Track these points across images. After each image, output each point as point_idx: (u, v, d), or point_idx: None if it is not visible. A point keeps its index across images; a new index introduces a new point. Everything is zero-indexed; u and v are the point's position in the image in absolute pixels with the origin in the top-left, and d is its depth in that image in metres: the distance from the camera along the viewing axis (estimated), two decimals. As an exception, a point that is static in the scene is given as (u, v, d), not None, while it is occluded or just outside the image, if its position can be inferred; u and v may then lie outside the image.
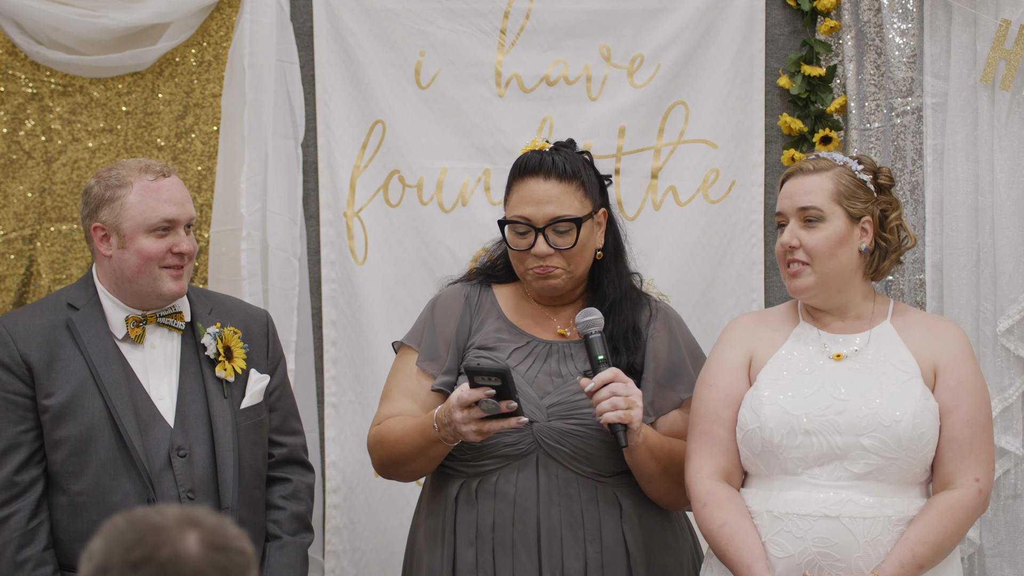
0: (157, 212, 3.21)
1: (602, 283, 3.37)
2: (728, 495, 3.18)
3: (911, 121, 4.00)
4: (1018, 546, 3.92)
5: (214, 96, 4.04)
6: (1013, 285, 3.87)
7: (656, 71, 4.06)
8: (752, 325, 3.33)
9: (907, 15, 3.97)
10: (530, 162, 3.31)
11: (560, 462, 3.22)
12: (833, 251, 3.16)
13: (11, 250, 4.03)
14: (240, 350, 3.33)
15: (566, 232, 3.26)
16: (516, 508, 3.21)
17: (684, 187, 4.09)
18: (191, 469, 3.21)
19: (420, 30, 4.07)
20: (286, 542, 3.37)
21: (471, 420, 3.09)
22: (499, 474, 3.23)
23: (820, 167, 3.20)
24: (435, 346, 3.34)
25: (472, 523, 3.23)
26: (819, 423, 3.09)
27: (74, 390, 3.19)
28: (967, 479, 3.10)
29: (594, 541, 3.21)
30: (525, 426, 3.17)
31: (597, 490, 3.24)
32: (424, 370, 3.33)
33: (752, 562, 3.08)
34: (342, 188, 4.09)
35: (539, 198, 3.26)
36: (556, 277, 3.29)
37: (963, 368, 3.15)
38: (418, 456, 3.23)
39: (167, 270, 3.23)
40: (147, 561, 1.84)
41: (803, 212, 3.17)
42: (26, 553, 3.15)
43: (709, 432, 3.23)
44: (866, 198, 3.18)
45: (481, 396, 3.06)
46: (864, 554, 3.05)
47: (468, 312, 3.37)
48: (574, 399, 3.23)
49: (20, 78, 4.03)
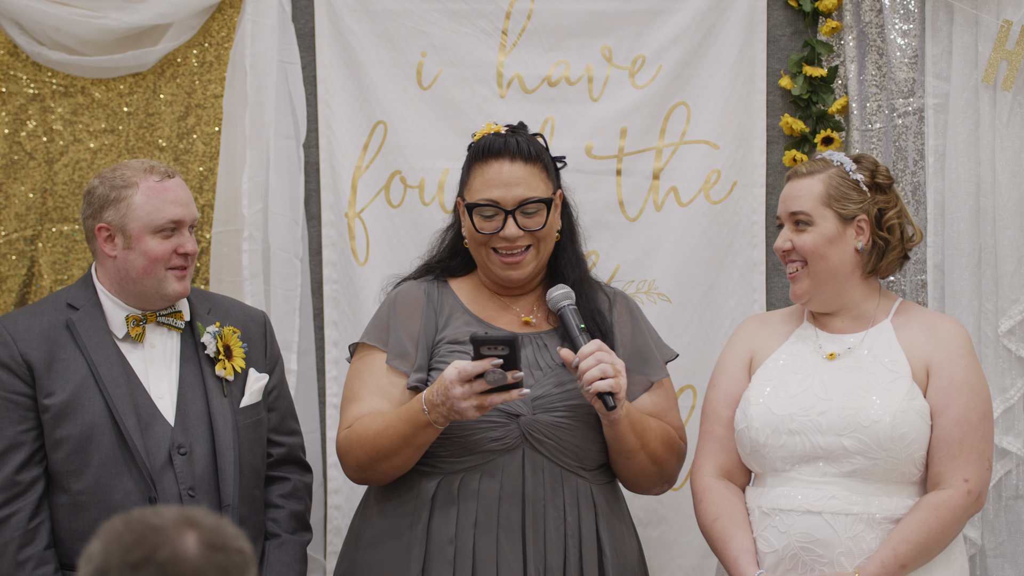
0: (163, 213, 3.22)
1: (560, 264, 3.37)
2: (724, 491, 3.26)
3: (912, 122, 3.99)
4: (1020, 546, 3.91)
5: (216, 97, 4.04)
6: (1015, 286, 3.87)
7: (658, 72, 4.06)
8: (757, 326, 3.39)
9: (909, 16, 3.97)
10: (493, 145, 3.28)
11: (546, 456, 3.21)
12: (822, 251, 3.20)
13: (13, 251, 4.03)
14: (239, 349, 3.34)
15: (535, 213, 3.26)
16: (502, 503, 3.18)
17: (686, 188, 4.09)
18: (192, 467, 3.22)
19: (422, 31, 4.07)
20: (285, 540, 3.38)
21: (472, 394, 3.03)
22: (483, 470, 3.20)
23: (814, 170, 3.24)
24: (403, 344, 3.29)
25: (452, 520, 3.18)
26: (802, 423, 3.14)
27: (75, 389, 3.19)
28: (956, 479, 3.12)
29: (574, 536, 3.22)
30: (511, 420, 3.17)
31: (578, 486, 3.24)
32: (396, 368, 3.28)
33: (739, 555, 3.15)
34: (344, 189, 4.09)
35: (507, 180, 3.25)
36: (524, 266, 3.28)
37: (956, 367, 3.17)
38: (404, 447, 3.16)
39: (172, 271, 3.24)
40: (146, 562, 1.84)
41: (793, 216, 3.24)
42: (27, 552, 3.16)
43: (711, 431, 3.32)
44: (859, 198, 3.20)
45: (488, 367, 3.01)
46: (847, 550, 3.08)
47: (431, 309, 3.34)
48: (557, 391, 3.23)
49: (21, 79, 4.03)
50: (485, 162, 3.29)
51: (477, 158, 3.31)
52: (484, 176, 3.28)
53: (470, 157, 3.34)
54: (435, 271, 3.43)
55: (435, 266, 3.44)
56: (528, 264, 3.29)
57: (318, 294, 4.11)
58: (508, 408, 3.17)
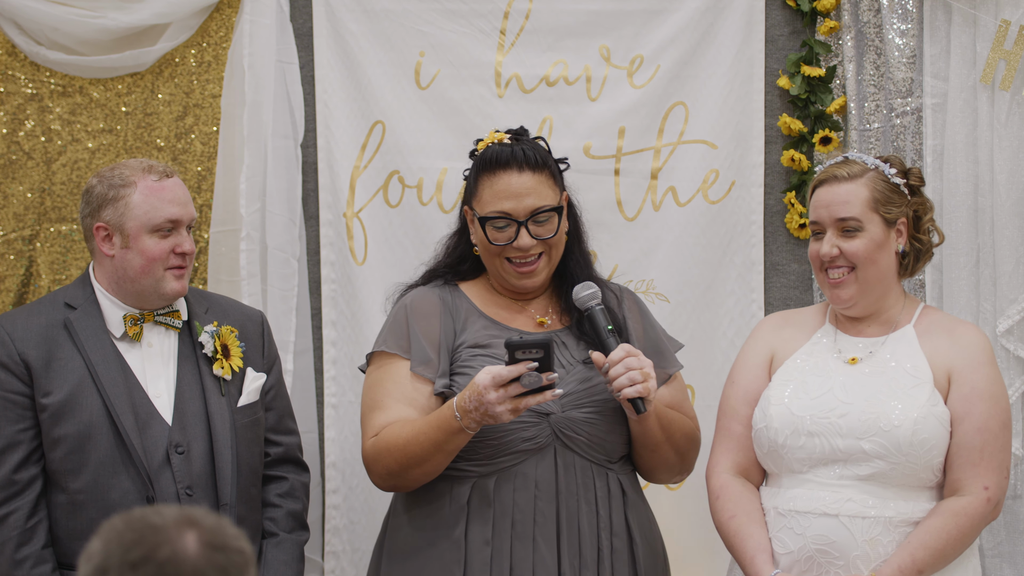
0: (161, 212, 3.22)
1: (569, 265, 3.38)
2: (740, 489, 3.24)
3: (911, 122, 4.00)
4: (1018, 547, 3.92)
5: (214, 96, 4.04)
6: (1013, 285, 3.87)
7: (656, 72, 4.06)
8: (779, 324, 3.38)
9: (907, 16, 3.97)
10: (500, 156, 3.29)
11: (576, 451, 3.24)
12: (873, 256, 3.19)
13: (11, 250, 4.03)
14: (237, 348, 3.35)
15: (546, 222, 3.28)
16: (537, 501, 3.20)
17: (684, 187, 4.09)
18: (189, 466, 3.22)
19: (420, 30, 4.07)
20: (283, 539, 3.38)
21: (507, 399, 3.04)
22: (516, 471, 3.21)
23: (854, 173, 3.21)
24: (424, 350, 3.29)
25: (488, 521, 3.19)
26: (822, 425, 3.12)
27: (72, 389, 3.19)
28: (976, 486, 3.11)
29: (606, 529, 3.24)
30: (541, 419, 3.19)
31: (608, 478, 3.28)
32: (421, 375, 3.27)
33: (756, 554, 3.13)
34: (342, 188, 4.09)
35: (517, 191, 3.27)
36: (538, 274, 3.30)
37: (978, 375, 3.16)
38: (435, 453, 3.15)
39: (171, 270, 3.25)
40: (146, 561, 1.84)
41: (841, 223, 3.20)
42: (25, 551, 3.16)
43: (728, 428, 3.31)
44: (900, 201, 3.20)
45: (523, 371, 3.02)
46: (863, 553, 3.07)
47: (448, 314, 3.34)
48: (583, 387, 3.25)
49: (20, 78, 4.03)
50: (493, 173, 3.29)
51: (485, 169, 3.31)
52: (494, 188, 3.28)
53: (477, 167, 3.33)
54: (444, 276, 3.43)
55: (443, 271, 3.44)
56: (542, 272, 3.32)
57: (316, 294, 4.11)
58: (538, 408, 3.18)
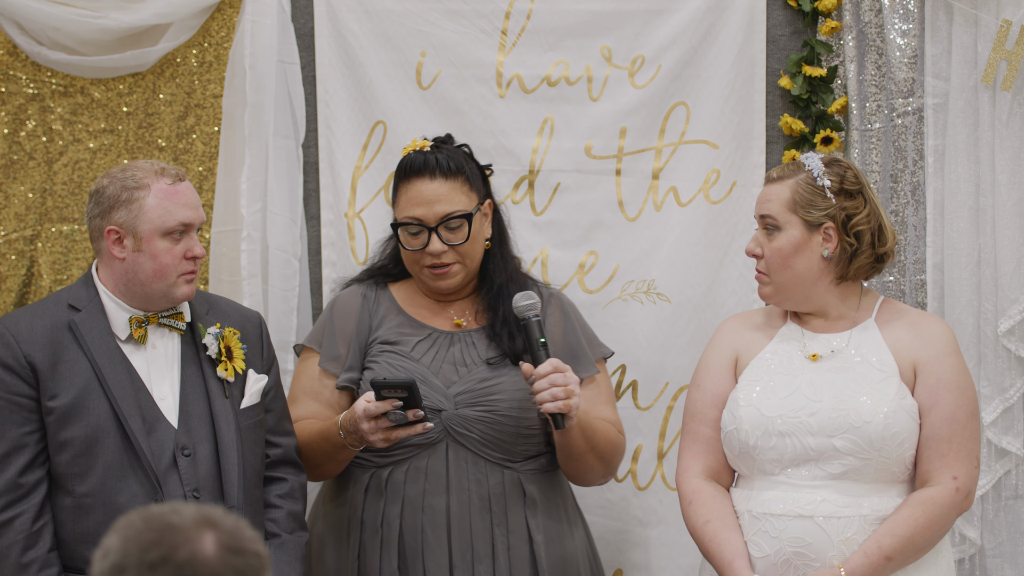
0: (175, 216, 3.22)
1: (488, 269, 3.52)
2: (713, 494, 3.25)
3: (912, 122, 4.00)
4: (1019, 547, 3.93)
5: (215, 97, 4.03)
6: (1014, 285, 3.88)
7: (657, 72, 4.06)
8: (740, 326, 3.39)
9: (908, 16, 3.98)
10: (414, 163, 3.45)
11: (468, 448, 3.37)
12: (787, 261, 3.23)
13: (12, 251, 4.02)
14: (239, 350, 3.34)
15: (458, 228, 3.42)
16: (426, 494, 3.36)
17: (685, 188, 4.09)
18: (196, 468, 3.21)
19: (421, 31, 4.06)
20: (285, 540, 3.38)
21: (378, 430, 3.21)
22: (409, 462, 3.38)
23: (784, 175, 3.27)
24: (335, 346, 3.49)
25: (379, 511, 3.38)
26: (792, 424, 3.14)
27: (79, 392, 3.18)
28: (944, 476, 3.13)
29: (501, 525, 3.36)
30: (433, 415, 3.31)
31: (504, 475, 3.39)
32: (327, 370, 3.48)
33: (733, 559, 3.14)
34: (343, 189, 4.08)
35: (428, 198, 3.41)
36: (453, 276, 3.45)
37: (943, 365, 3.18)
38: (327, 461, 3.41)
39: (182, 276, 3.24)
40: (164, 562, 1.84)
41: (763, 220, 3.27)
42: (31, 555, 3.14)
43: (696, 431, 3.31)
44: (824, 205, 3.21)
45: (388, 408, 3.18)
46: (839, 553, 3.09)
47: (366, 310, 3.51)
48: (480, 387, 3.38)
49: (21, 79, 4.02)
50: (408, 180, 3.45)
51: (401, 177, 3.48)
52: (407, 194, 3.44)
53: (396, 176, 3.50)
54: (376, 276, 3.61)
55: (377, 271, 3.62)
56: (457, 274, 3.46)
57: (317, 294, 4.11)
58: (431, 404, 3.33)
